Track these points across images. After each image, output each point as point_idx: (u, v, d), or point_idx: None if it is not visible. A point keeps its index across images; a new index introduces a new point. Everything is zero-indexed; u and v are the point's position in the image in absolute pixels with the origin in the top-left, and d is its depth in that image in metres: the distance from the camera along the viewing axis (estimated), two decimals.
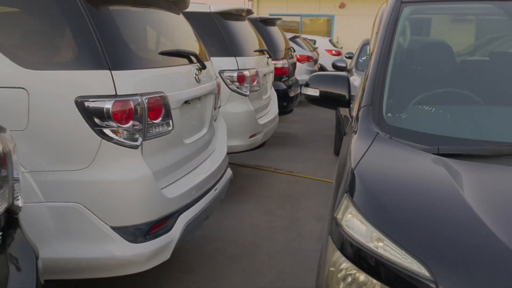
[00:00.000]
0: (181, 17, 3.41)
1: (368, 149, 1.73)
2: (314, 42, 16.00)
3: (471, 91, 2.12)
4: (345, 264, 1.41)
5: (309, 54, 12.33)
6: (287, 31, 17.55)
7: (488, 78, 2.22)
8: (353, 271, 1.39)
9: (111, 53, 2.31)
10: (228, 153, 3.78)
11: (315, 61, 12.81)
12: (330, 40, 17.18)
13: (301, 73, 11.69)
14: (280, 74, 7.23)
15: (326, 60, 15.34)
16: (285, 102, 7.06)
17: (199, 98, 3.11)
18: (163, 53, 2.73)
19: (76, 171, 2.27)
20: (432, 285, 1.20)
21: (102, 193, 2.30)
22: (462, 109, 2.06)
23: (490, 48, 2.48)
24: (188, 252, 3.69)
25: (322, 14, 21.41)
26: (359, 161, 1.65)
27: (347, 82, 2.40)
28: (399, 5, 2.40)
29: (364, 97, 2.03)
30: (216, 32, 4.71)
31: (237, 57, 4.69)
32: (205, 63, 3.24)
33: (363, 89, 2.14)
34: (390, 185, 1.53)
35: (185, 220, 2.67)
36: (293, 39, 12.18)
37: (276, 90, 6.71)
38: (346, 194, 1.54)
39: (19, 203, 1.70)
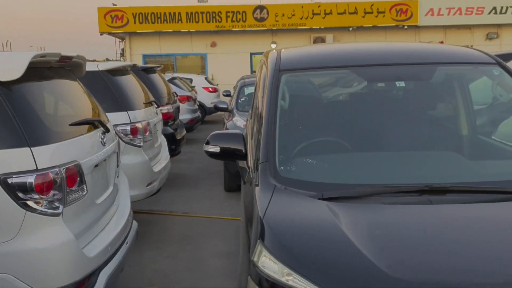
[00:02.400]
0: (77, 84, 3.63)
1: (270, 200, 2.17)
2: (191, 80, 16.53)
3: (344, 139, 2.67)
4: None
5: (188, 94, 12.78)
6: (164, 70, 17.92)
7: (358, 127, 2.80)
8: None
9: (29, 131, 2.51)
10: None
11: (195, 100, 13.29)
12: (205, 78, 17.83)
13: (183, 112, 12.07)
14: (166, 119, 7.54)
15: (204, 97, 15.92)
16: (173, 145, 7.37)
17: (105, 160, 3.35)
18: (73, 124, 2.96)
19: (3, 243, 2.41)
20: None
21: (29, 261, 2.46)
22: (339, 157, 2.60)
23: (355, 102, 3.10)
24: None
25: (195, 53, 22.13)
26: (265, 211, 2.08)
27: (242, 138, 2.84)
28: (278, 73, 2.92)
29: (261, 155, 2.48)
30: (106, 89, 4.94)
31: (128, 111, 4.96)
32: (107, 125, 3.50)
33: (257, 146, 2.59)
34: (291, 229, 1.98)
35: (105, 275, 2.89)
36: (171, 80, 12.56)
37: (164, 135, 7.01)
38: (258, 240, 1.95)
39: None
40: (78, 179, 2.77)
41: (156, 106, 5.99)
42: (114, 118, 4.84)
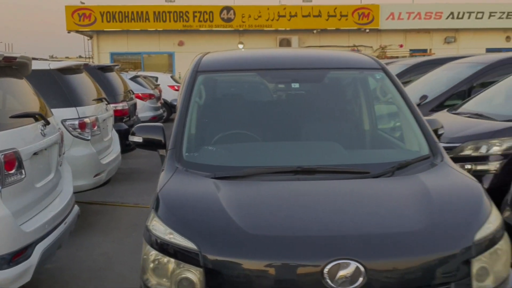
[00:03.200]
0: (24, 82, 4.04)
1: (169, 179, 2.64)
2: (156, 79, 16.89)
3: (243, 131, 3.16)
4: (153, 252, 2.29)
5: (151, 92, 13.16)
6: (134, 67, 18.22)
7: (257, 121, 3.29)
8: (158, 256, 2.27)
9: None
10: (75, 192, 4.42)
11: (158, 98, 13.67)
12: (171, 76, 18.20)
13: (145, 110, 12.47)
14: (121, 116, 7.95)
15: (170, 95, 16.31)
16: (128, 140, 7.75)
17: (45, 149, 3.77)
18: (13, 116, 3.37)
19: None
20: (198, 252, 2.13)
21: None
22: (236, 145, 3.09)
23: (264, 100, 3.59)
24: (44, 282, 4.23)
25: (162, 51, 22.47)
26: (162, 187, 2.55)
27: (162, 130, 3.29)
28: (195, 73, 3.39)
29: (170, 143, 2.95)
30: (56, 86, 5.33)
31: (77, 107, 5.36)
32: (49, 119, 3.92)
33: (170, 136, 3.06)
34: (178, 200, 2.46)
35: (41, 248, 3.31)
36: (134, 78, 12.92)
37: (118, 131, 7.41)
38: (152, 209, 2.42)
39: None
40: (17, 164, 3.19)
41: (107, 103, 6.38)
42: (64, 114, 5.24)
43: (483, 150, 4.67)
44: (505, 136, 4.64)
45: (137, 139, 3.24)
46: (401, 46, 22.84)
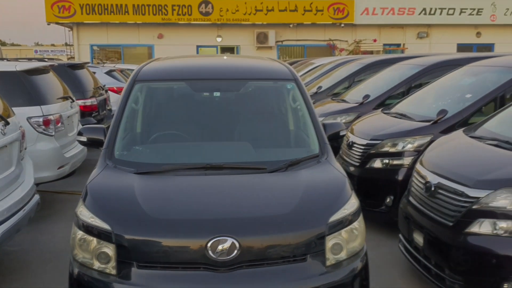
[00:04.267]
0: None
1: (98, 174, 3.24)
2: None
3: (169, 133, 3.76)
4: (79, 232, 2.90)
5: None
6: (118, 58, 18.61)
7: (182, 125, 3.88)
8: (84, 236, 2.88)
9: None
10: (41, 183, 4.98)
11: None
12: None
13: None
14: (90, 111, 8.50)
15: None
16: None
17: (6, 146, 4.34)
18: None
19: None
20: (111, 232, 2.74)
21: None
22: (161, 145, 3.69)
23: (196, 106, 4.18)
24: (9, 262, 4.82)
25: (142, 44, 22.91)
26: (91, 181, 3.15)
27: (103, 131, 3.86)
28: (133, 82, 3.97)
29: (105, 143, 3.54)
30: (22, 87, 5.88)
31: (41, 106, 5.92)
32: (10, 119, 4.48)
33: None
34: (101, 190, 3.07)
35: (1, 231, 3.90)
36: (109, 72, 13.42)
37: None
38: (81, 199, 3.03)
39: None
40: None
41: (72, 100, 6.93)
42: (29, 112, 5.80)
43: (399, 147, 5.32)
44: (418, 135, 5.28)
45: (83, 138, 3.80)
46: (374, 40, 23.48)
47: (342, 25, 22.88)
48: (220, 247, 2.68)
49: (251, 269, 2.74)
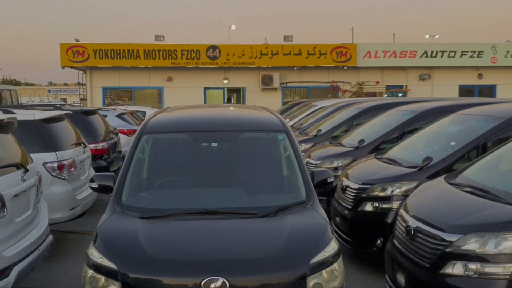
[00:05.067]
0: (9, 136, 5.07)
1: (107, 218, 3.64)
2: (144, 113, 17.95)
3: (172, 180, 4.17)
4: (89, 270, 3.28)
5: (135, 127, 14.22)
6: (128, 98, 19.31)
7: (183, 173, 4.30)
8: (93, 274, 3.26)
9: None
10: (54, 224, 5.37)
11: None
12: None
13: (129, 144, 13.50)
14: (101, 154, 8.97)
15: None
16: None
17: (25, 191, 4.77)
18: (2, 167, 4.39)
19: None
20: (117, 271, 3.12)
21: None
22: (164, 192, 4.10)
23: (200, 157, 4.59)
24: None
25: (152, 86, 23.71)
26: (101, 224, 3.56)
27: (113, 178, 4.28)
28: (141, 134, 4.42)
29: (114, 190, 3.96)
30: (39, 134, 6.36)
31: (56, 152, 6.39)
32: (29, 166, 4.93)
33: None
34: (109, 234, 3.46)
35: (17, 270, 4.28)
36: (120, 115, 13.99)
37: (98, 167, 8.44)
38: (92, 241, 3.42)
39: None
40: (0, 204, 4.19)
41: (84, 146, 7.41)
42: (45, 157, 6.26)
43: (388, 192, 5.68)
44: (405, 180, 5.65)
45: (94, 185, 4.23)
46: (377, 82, 24.09)
47: (345, 67, 23.57)
48: (212, 286, 3.05)
49: None
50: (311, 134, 10.70)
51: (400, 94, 24.23)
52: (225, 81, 23.84)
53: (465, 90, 23.99)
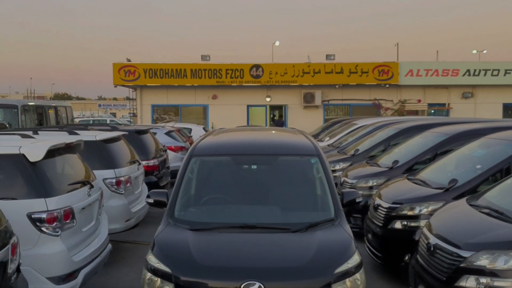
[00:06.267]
0: (76, 156, 5.83)
1: (163, 230, 4.28)
2: (190, 130, 18.84)
3: (217, 197, 4.78)
4: (148, 273, 3.91)
5: (182, 144, 15.05)
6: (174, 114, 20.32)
7: (227, 191, 4.90)
8: (151, 276, 3.88)
9: (44, 189, 4.68)
10: (111, 234, 6.07)
11: (188, 150, 15.55)
12: (203, 128, 20.17)
13: (176, 160, 14.28)
14: (151, 170, 9.74)
15: None
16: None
17: (90, 204, 5.50)
18: (70, 184, 5.13)
19: (27, 249, 4.53)
20: (171, 274, 3.74)
21: (40, 260, 4.57)
22: (210, 207, 4.71)
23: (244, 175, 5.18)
24: None
25: (198, 104, 24.69)
26: (158, 235, 4.19)
27: (166, 195, 4.92)
28: (190, 156, 5.06)
29: (168, 205, 4.60)
30: (100, 153, 7.14)
31: (115, 169, 7.14)
32: (93, 183, 5.67)
33: None
34: (164, 243, 4.09)
35: (84, 273, 4.98)
36: (168, 133, 14.84)
37: (149, 183, 9.19)
38: (150, 248, 4.06)
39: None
40: (71, 216, 4.91)
41: (138, 163, 8.16)
42: (104, 174, 7.02)
43: (416, 211, 6.09)
44: (432, 201, 6.05)
45: (150, 200, 4.89)
46: (419, 101, 24.16)
47: (387, 85, 23.80)
48: None
49: None
50: (349, 153, 11.12)
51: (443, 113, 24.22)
52: (268, 99, 24.53)
53: (509, 109, 23.70)
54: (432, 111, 24.40)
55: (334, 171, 10.10)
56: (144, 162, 9.39)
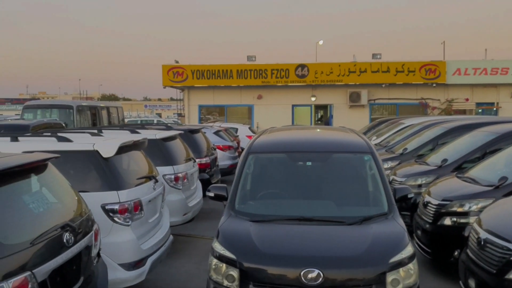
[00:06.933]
0: (141, 153, 6.28)
1: (225, 220, 4.63)
2: (236, 130, 19.28)
3: (276, 191, 5.10)
4: (214, 260, 4.26)
5: (230, 144, 15.47)
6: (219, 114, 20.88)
7: (285, 186, 5.21)
8: (217, 262, 4.24)
9: (116, 182, 5.12)
10: (171, 226, 6.50)
11: (236, 148, 15.95)
12: (249, 128, 20.58)
13: (225, 159, 14.74)
14: (204, 168, 10.17)
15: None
16: (208, 190, 9.92)
17: (154, 198, 5.93)
18: (138, 178, 5.57)
19: (102, 238, 4.99)
20: (236, 260, 4.08)
21: (113, 247, 5.02)
22: (269, 201, 5.02)
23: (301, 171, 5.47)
24: (149, 286, 6.32)
25: (243, 104, 25.13)
26: (221, 225, 4.55)
27: (226, 189, 5.27)
28: (247, 154, 5.39)
29: (228, 198, 4.95)
30: (159, 150, 7.59)
31: (173, 166, 7.58)
32: (157, 177, 6.10)
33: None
34: (228, 231, 4.43)
35: (151, 260, 5.40)
36: (216, 132, 15.31)
37: (202, 180, 9.62)
38: (215, 237, 4.42)
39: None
40: (139, 208, 5.34)
41: (194, 161, 8.59)
42: (164, 170, 7.47)
43: (465, 208, 6.22)
44: (482, 198, 6.16)
45: (211, 194, 5.26)
46: (467, 100, 23.74)
47: (434, 85, 23.51)
48: (309, 276, 3.90)
49: None
50: (397, 152, 11.21)
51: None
52: (313, 98, 24.70)
53: None
54: (480, 110, 23.95)
55: None
56: (197, 160, 9.82)
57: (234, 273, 4.10)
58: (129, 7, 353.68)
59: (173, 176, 7.53)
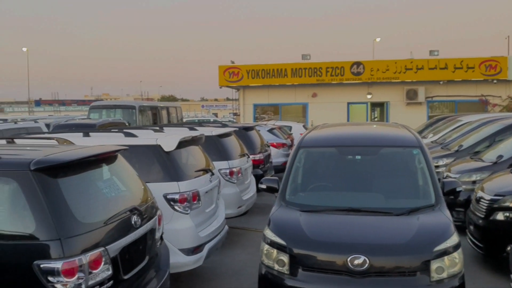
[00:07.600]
0: (199, 148, 6.68)
1: (277, 210, 4.92)
2: (290, 128, 19.52)
3: (325, 183, 5.34)
4: (266, 246, 4.57)
5: (284, 141, 15.76)
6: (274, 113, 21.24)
7: (334, 178, 5.44)
8: (268, 248, 4.54)
9: (177, 174, 5.53)
10: (226, 218, 6.87)
11: (289, 146, 16.22)
12: (303, 125, 20.77)
13: (278, 156, 15.04)
14: (258, 164, 10.51)
15: None
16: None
17: (211, 189, 6.31)
18: (196, 170, 5.97)
19: (164, 224, 5.41)
20: (286, 246, 4.36)
21: (174, 234, 5.43)
22: (319, 193, 5.27)
23: (349, 166, 5.68)
24: (205, 274, 6.72)
25: (298, 102, 25.33)
26: (272, 214, 4.84)
27: (277, 181, 5.57)
28: (298, 148, 5.66)
29: (279, 190, 5.24)
30: (215, 146, 8.00)
31: (228, 161, 7.96)
32: (213, 171, 6.48)
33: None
34: (279, 220, 4.72)
35: (208, 247, 5.78)
36: (271, 130, 15.64)
37: (255, 175, 9.95)
38: (267, 225, 4.72)
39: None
40: (198, 198, 5.73)
41: (247, 156, 8.94)
42: (220, 165, 7.86)
43: None
44: None
45: (263, 186, 5.58)
46: None
47: (495, 81, 22.76)
48: (356, 262, 4.13)
49: (377, 277, 4.13)
50: (453, 149, 11.11)
51: None
52: (369, 96, 24.54)
53: None
54: None
55: (437, 166, 10.19)
56: (251, 156, 10.18)
57: (285, 258, 4.39)
58: (189, 14, 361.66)
59: (228, 171, 7.90)
